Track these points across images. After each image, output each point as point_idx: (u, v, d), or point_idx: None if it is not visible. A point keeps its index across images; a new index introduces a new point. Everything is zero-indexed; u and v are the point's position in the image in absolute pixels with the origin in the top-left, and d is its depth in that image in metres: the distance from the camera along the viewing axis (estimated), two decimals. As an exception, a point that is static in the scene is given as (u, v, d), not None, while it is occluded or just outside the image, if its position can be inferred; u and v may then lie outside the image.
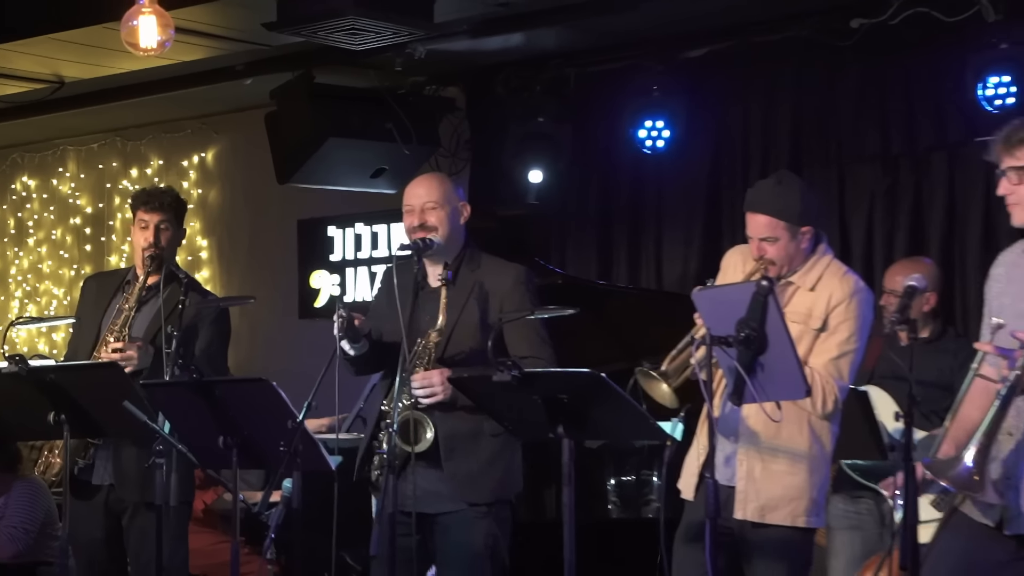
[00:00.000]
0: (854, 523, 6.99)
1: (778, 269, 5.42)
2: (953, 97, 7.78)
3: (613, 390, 5.16)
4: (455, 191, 6.02)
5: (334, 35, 7.46)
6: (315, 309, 10.04)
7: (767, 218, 5.42)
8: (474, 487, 5.85)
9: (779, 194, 5.46)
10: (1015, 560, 4.93)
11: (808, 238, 5.47)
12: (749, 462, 5.40)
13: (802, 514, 5.42)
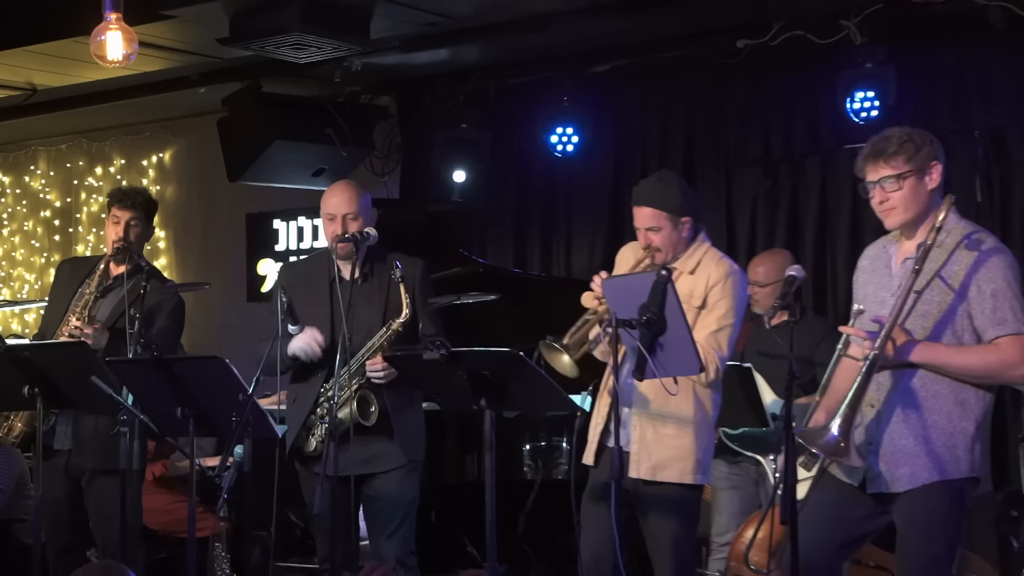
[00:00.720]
0: (734, 483, 7.07)
1: (664, 256, 5.49)
2: (825, 109, 7.82)
3: (530, 367, 5.18)
4: (367, 199, 6.12)
5: (280, 49, 7.42)
6: (262, 294, 9.99)
7: (651, 210, 5.50)
8: (415, 446, 6.03)
9: (660, 189, 5.54)
10: (875, 515, 5.02)
11: (688, 228, 5.54)
12: (641, 427, 5.43)
13: (689, 472, 5.44)
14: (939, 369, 4.89)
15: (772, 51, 7.74)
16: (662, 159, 8.60)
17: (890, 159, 4.92)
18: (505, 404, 5.39)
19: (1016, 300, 4.87)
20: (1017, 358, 4.85)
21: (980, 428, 4.92)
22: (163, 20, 7.35)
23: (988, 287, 4.86)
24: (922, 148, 4.94)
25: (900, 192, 4.95)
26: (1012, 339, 4.84)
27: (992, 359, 4.87)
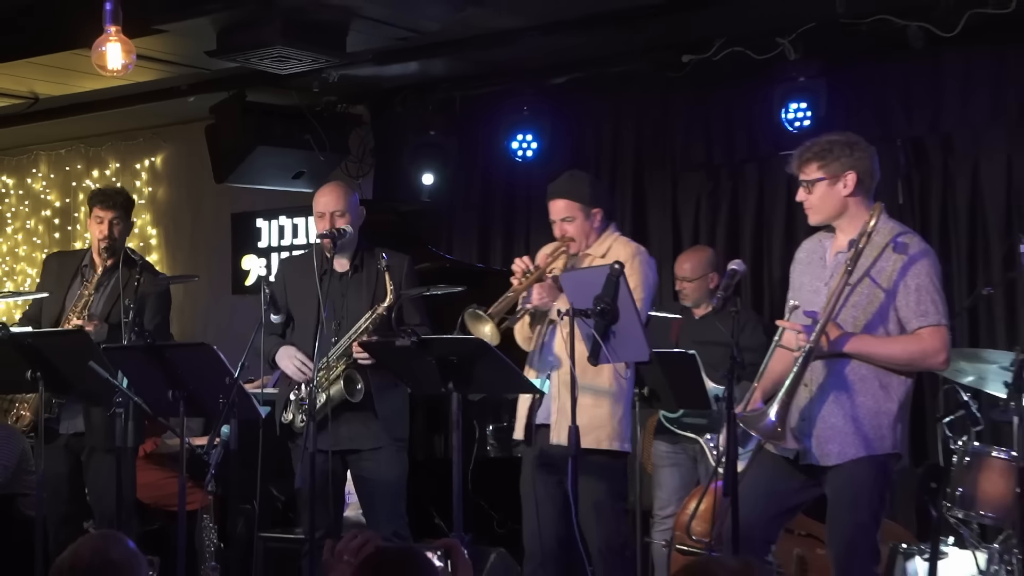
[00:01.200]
0: (674, 461, 7.11)
1: (577, 245, 5.58)
2: (762, 119, 7.83)
3: (494, 353, 5.19)
4: (355, 198, 6.11)
5: (263, 62, 7.39)
6: (245, 287, 9.98)
7: (564, 202, 5.60)
8: (398, 425, 6.06)
9: (572, 183, 5.66)
10: (807, 487, 5.09)
11: (599, 218, 5.62)
12: (561, 399, 5.45)
13: (605, 439, 5.53)
14: (868, 358, 4.94)
15: (714, 66, 7.77)
16: (613, 164, 8.62)
17: (804, 165, 5.04)
18: (470, 387, 5.41)
19: (937, 295, 4.94)
20: (937, 347, 4.92)
21: (902, 409, 4.98)
22: (156, 34, 7.31)
23: (913, 283, 4.92)
24: (839, 158, 5.01)
25: (813, 195, 5.03)
26: (933, 330, 4.91)
27: (915, 348, 4.94)
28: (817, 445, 4.99)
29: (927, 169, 7.68)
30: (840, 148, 5.03)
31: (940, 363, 5.02)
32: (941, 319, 4.92)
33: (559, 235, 5.64)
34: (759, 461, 5.15)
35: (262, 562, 7.01)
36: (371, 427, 6.00)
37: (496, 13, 7.35)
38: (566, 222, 5.61)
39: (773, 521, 5.18)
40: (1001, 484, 5.47)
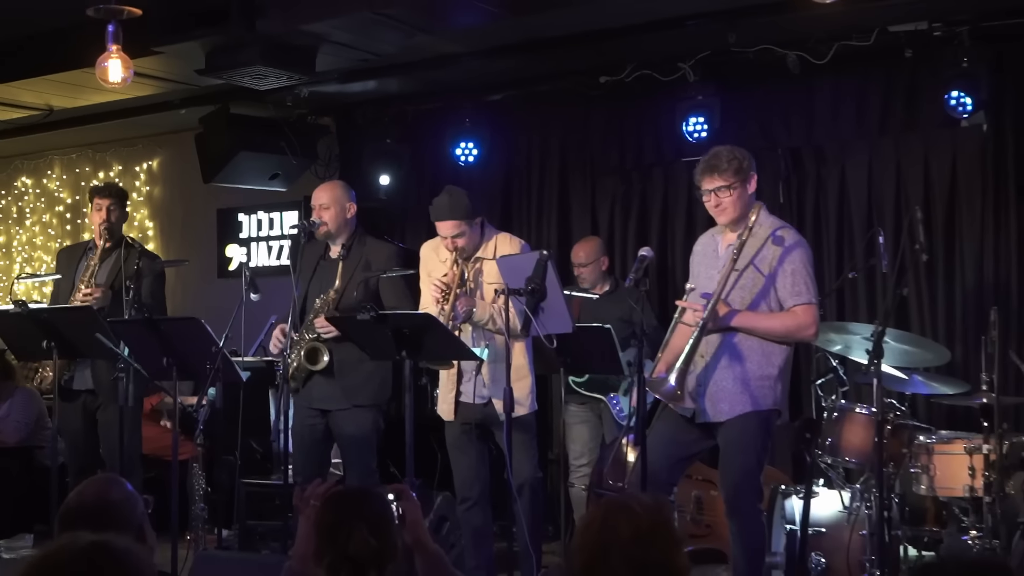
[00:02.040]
0: (583, 419, 7.15)
1: (470, 252, 5.56)
2: (666, 130, 7.84)
3: (440, 325, 5.19)
4: (346, 195, 6.08)
5: (245, 79, 7.34)
6: (229, 271, 9.91)
7: (451, 222, 5.60)
8: (356, 393, 5.94)
9: (452, 204, 5.61)
10: (702, 439, 5.19)
11: (480, 224, 5.62)
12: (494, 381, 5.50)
13: (533, 402, 5.64)
14: (752, 331, 5.01)
15: (626, 86, 7.80)
16: (542, 168, 8.63)
17: (723, 173, 5.05)
18: (421, 355, 5.41)
19: (809, 278, 5.02)
20: (808, 321, 5.01)
21: (782, 372, 5.04)
22: (153, 55, 7.26)
23: (789, 268, 4.99)
24: (743, 163, 5.06)
25: (730, 198, 5.06)
26: (805, 307, 5.00)
27: (790, 322, 5.01)
28: (711, 405, 5.05)
29: (803, 174, 7.74)
30: (741, 155, 5.13)
31: (811, 335, 5.10)
32: (812, 298, 5.01)
33: (451, 249, 5.61)
34: (663, 417, 5.20)
35: (244, 504, 6.99)
36: (342, 390, 5.96)
37: (442, 40, 7.33)
38: (457, 238, 5.58)
39: (675, 466, 5.23)
40: (863, 435, 5.55)
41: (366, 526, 2.87)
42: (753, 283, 5.04)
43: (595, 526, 2.36)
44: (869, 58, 7.16)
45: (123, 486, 3.13)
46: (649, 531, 2.35)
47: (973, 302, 7.09)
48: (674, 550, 2.37)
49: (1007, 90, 7.03)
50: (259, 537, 7.00)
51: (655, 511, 2.37)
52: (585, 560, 2.35)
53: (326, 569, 2.85)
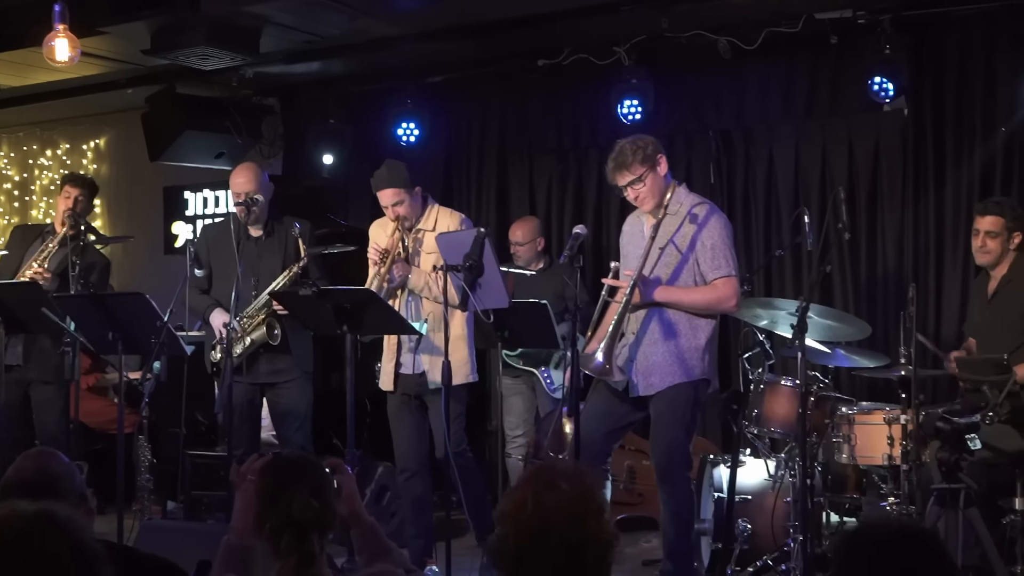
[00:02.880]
0: (518, 391, 7.18)
1: (411, 222, 5.54)
2: (602, 113, 7.83)
3: (380, 300, 5.18)
4: (264, 177, 6.06)
5: (190, 59, 7.27)
6: (175, 248, 9.81)
7: (391, 190, 5.60)
8: (307, 361, 6.07)
9: (391, 173, 5.64)
10: (634, 410, 5.24)
11: (420, 195, 5.61)
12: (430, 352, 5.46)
13: (471, 373, 5.63)
14: (676, 305, 5.04)
15: (564, 69, 7.79)
16: (481, 149, 8.61)
17: (631, 167, 5.09)
18: (362, 329, 5.40)
19: (729, 251, 5.06)
20: (729, 293, 5.06)
21: (708, 344, 5.08)
22: (99, 35, 7.16)
23: (708, 242, 5.03)
24: (647, 150, 5.07)
25: (645, 187, 5.10)
26: (725, 280, 5.04)
27: (711, 295, 5.06)
28: (642, 379, 5.08)
29: (733, 156, 7.78)
30: (642, 142, 5.16)
31: (732, 306, 5.16)
32: (732, 271, 5.06)
33: (392, 218, 5.60)
34: (597, 390, 5.23)
35: (189, 475, 6.94)
36: (286, 363, 5.97)
37: (384, 23, 7.28)
38: (397, 206, 5.58)
39: (608, 437, 5.26)
40: (787, 406, 5.59)
41: (308, 489, 2.85)
42: (674, 260, 5.09)
43: (527, 510, 2.33)
44: (796, 44, 7.21)
45: (61, 459, 3.10)
46: (581, 508, 2.35)
47: (893, 279, 7.18)
48: (603, 521, 2.37)
49: (926, 76, 7.10)
50: (204, 507, 6.96)
51: (581, 484, 2.37)
52: (521, 545, 2.34)
53: (268, 533, 2.83)
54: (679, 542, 5.13)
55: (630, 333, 5.08)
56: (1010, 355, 5.31)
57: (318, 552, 2.85)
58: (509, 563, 2.36)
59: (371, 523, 3.23)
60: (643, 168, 5.07)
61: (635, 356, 5.09)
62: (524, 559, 2.33)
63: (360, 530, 3.20)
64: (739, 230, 7.60)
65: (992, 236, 5.77)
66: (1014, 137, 6.85)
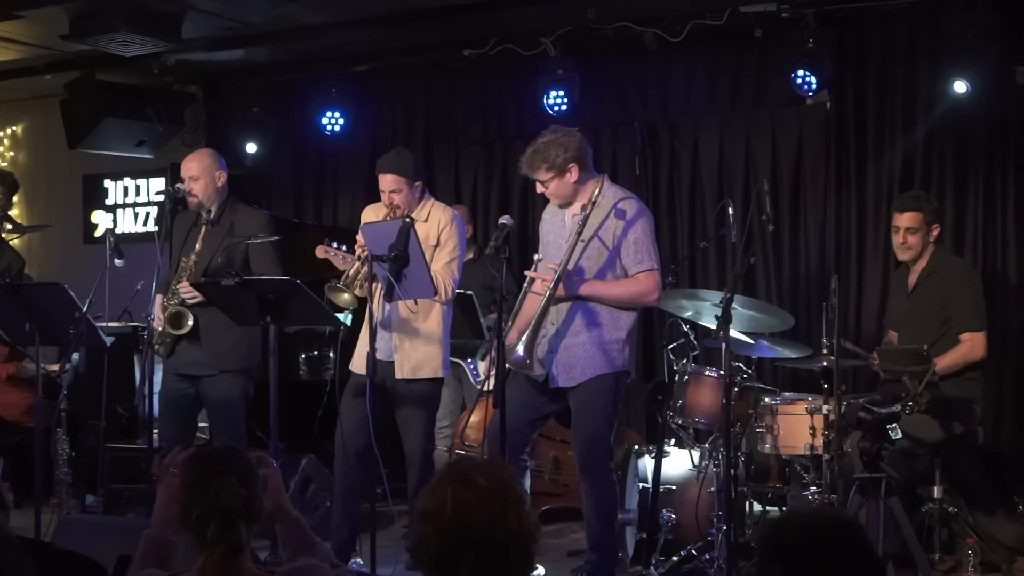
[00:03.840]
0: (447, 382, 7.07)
1: (404, 211, 5.48)
2: (528, 103, 7.82)
3: (304, 290, 5.12)
4: (215, 163, 5.98)
5: (110, 45, 7.15)
6: (95, 238, 9.64)
7: (392, 176, 5.50)
8: (224, 359, 5.82)
9: (398, 160, 5.56)
10: (553, 400, 5.25)
11: (420, 188, 5.55)
12: (400, 339, 5.43)
13: (439, 368, 5.51)
14: (598, 299, 5.06)
15: (490, 59, 7.77)
16: (407, 137, 8.54)
17: (536, 171, 5.18)
18: (285, 320, 5.34)
19: (652, 245, 5.10)
20: (651, 287, 5.10)
21: (629, 336, 5.12)
22: (15, 19, 7.03)
23: (632, 237, 5.06)
24: (559, 156, 5.10)
25: (550, 189, 5.14)
26: (648, 274, 5.08)
27: (634, 289, 5.09)
28: (564, 371, 5.09)
29: (658, 147, 7.81)
30: (556, 148, 5.15)
31: (654, 299, 5.20)
32: (654, 265, 5.10)
33: (387, 204, 5.54)
34: (515, 381, 5.21)
35: (108, 468, 6.82)
36: (220, 354, 5.83)
37: (307, 10, 7.21)
38: (394, 193, 5.51)
39: (527, 427, 5.27)
40: (712, 397, 5.62)
41: (236, 478, 2.83)
42: (599, 254, 5.11)
43: (446, 510, 2.32)
44: (721, 37, 7.25)
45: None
46: (500, 504, 2.33)
47: (816, 271, 7.26)
48: (524, 514, 2.36)
49: (848, 70, 7.18)
50: (125, 501, 6.83)
51: (499, 479, 2.35)
52: (442, 545, 2.32)
53: (195, 522, 2.79)
54: (602, 533, 5.14)
55: (551, 324, 5.09)
56: (930, 346, 5.40)
57: (245, 543, 2.82)
58: (432, 564, 2.34)
59: (296, 517, 3.21)
60: (548, 175, 5.14)
61: (556, 348, 5.10)
62: (448, 559, 2.31)
63: (285, 524, 3.18)
64: (664, 222, 7.65)
65: (912, 232, 5.85)
66: (934, 130, 6.95)
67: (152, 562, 3.00)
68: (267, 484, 3.04)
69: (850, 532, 2.18)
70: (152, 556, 3.01)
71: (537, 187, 5.22)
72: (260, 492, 2.93)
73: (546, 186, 5.17)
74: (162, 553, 3.03)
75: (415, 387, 5.45)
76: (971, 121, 6.82)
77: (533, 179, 5.22)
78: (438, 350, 5.48)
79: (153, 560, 3.01)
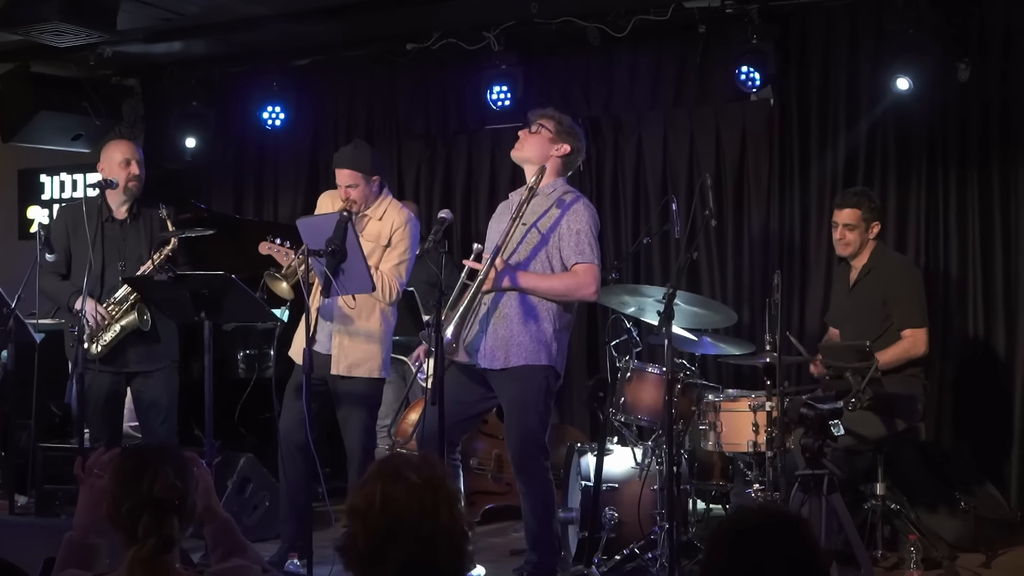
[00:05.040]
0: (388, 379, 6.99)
1: (359, 206, 5.42)
2: (471, 98, 7.77)
3: (240, 286, 5.04)
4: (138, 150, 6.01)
5: (43, 35, 6.96)
6: (30, 233, 9.43)
7: (349, 171, 5.43)
8: (174, 349, 5.90)
9: (356, 154, 5.47)
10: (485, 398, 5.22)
11: (377, 184, 5.48)
12: (339, 336, 5.37)
13: (376, 369, 5.43)
14: (532, 292, 5.00)
15: (433, 53, 7.69)
16: (348, 132, 8.44)
17: (542, 116, 5.24)
18: (221, 316, 5.26)
19: (593, 240, 5.05)
20: (589, 280, 5.04)
21: (558, 331, 5.06)
22: (-56, 8, 6.83)
23: (574, 227, 5.01)
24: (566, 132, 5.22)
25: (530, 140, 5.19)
26: (587, 266, 5.03)
27: (571, 281, 5.03)
28: (488, 354, 5.03)
29: (602, 143, 7.76)
30: (566, 126, 5.18)
31: (591, 293, 5.13)
32: (594, 259, 5.04)
33: (343, 198, 5.46)
34: (450, 377, 5.13)
35: (41, 468, 6.65)
36: (154, 351, 5.80)
37: (246, 2, 7.09)
38: (350, 188, 5.44)
39: (459, 425, 5.22)
40: (654, 394, 5.56)
41: (172, 470, 2.77)
42: (534, 242, 5.06)
43: (375, 506, 2.24)
44: (665, 32, 7.22)
45: None
46: (432, 499, 2.28)
47: (760, 267, 7.24)
48: (455, 511, 2.29)
49: (791, 66, 7.17)
50: (58, 502, 6.67)
51: (431, 475, 2.28)
52: (370, 542, 2.25)
53: (125, 517, 2.72)
54: (542, 532, 5.09)
55: (483, 305, 5.03)
56: (872, 342, 5.38)
57: (177, 538, 2.76)
58: (361, 561, 2.27)
59: (227, 518, 3.14)
60: (546, 130, 5.16)
61: (485, 329, 5.04)
62: (375, 556, 2.24)
63: (215, 525, 3.10)
64: (608, 217, 7.60)
65: (850, 228, 5.85)
66: (876, 127, 6.95)
67: (73, 564, 2.91)
68: (198, 484, 2.96)
69: (794, 527, 2.15)
70: (73, 559, 2.95)
71: (520, 133, 5.16)
72: (194, 490, 2.86)
73: (532, 133, 5.09)
74: (84, 556, 2.95)
75: (352, 385, 5.39)
76: (913, 118, 6.82)
77: (529, 121, 5.15)
78: (377, 350, 5.41)
79: (74, 563, 2.92)
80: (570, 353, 7.10)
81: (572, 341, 7.17)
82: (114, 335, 5.68)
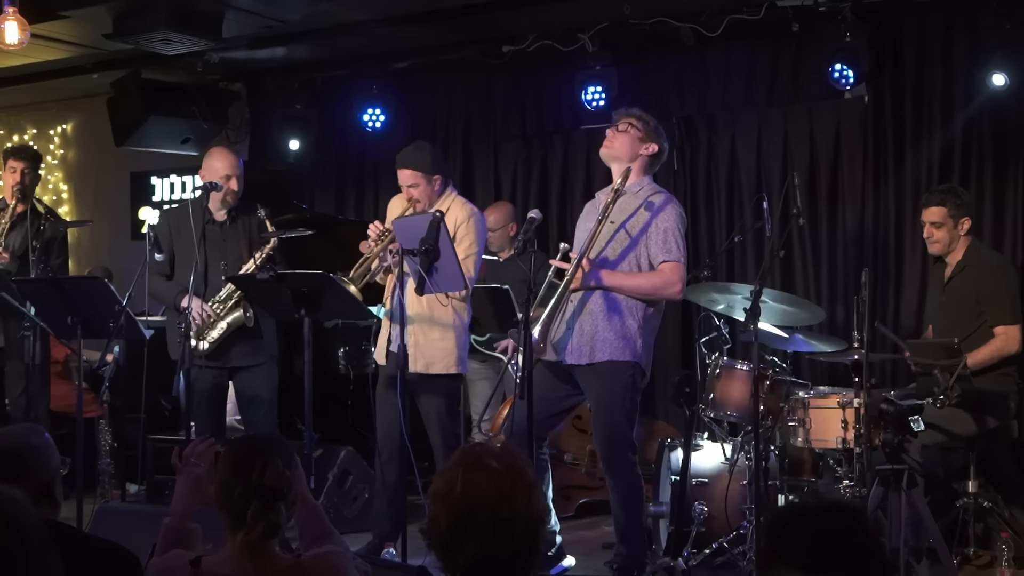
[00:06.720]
0: (484, 376, 7.17)
1: (422, 205, 5.53)
2: (566, 99, 7.87)
3: (337, 285, 5.19)
4: (239, 163, 6.06)
5: (153, 44, 7.26)
6: (141, 234, 9.74)
7: (409, 171, 5.56)
8: (272, 345, 6.07)
9: (416, 154, 5.60)
10: (571, 395, 5.28)
11: (439, 182, 5.60)
12: (415, 335, 5.46)
13: (453, 365, 5.53)
14: (618, 290, 5.05)
15: (528, 55, 7.80)
16: (446, 133, 8.61)
17: (627, 116, 5.26)
18: (319, 314, 5.40)
19: (680, 239, 5.09)
20: (675, 279, 5.07)
21: (642, 328, 5.10)
22: (61, 19, 7.17)
23: (662, 226, 5.06)
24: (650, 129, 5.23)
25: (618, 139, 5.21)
26: (673, 265, 5.06)
27: (657, 280, 5.07)
28: (575, 350, 5.10)
29: (696, 142, 7.81)
30: (653, 127, 5.23)
31: (676, 292, 5.16)
32: (680, 257, 5.08)
33: (407, 197, 5.59)
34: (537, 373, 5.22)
35: (150, 459, 6.93)
36: (256, 346, 5.96)
37: (346, 8, 7.28)
38: (412, 187, 5.55)
39: (546, 421, 5.25)
40: (742, 390, 5.62)
41: (281, 459, 2.88)
42: (623, 242, 5.11)
43: (456, 491, 2.35)
44: (758, 31, 7.23)
45: (43, 434, 3.12)
46: (510, 487, 2.35)
47: (853, 265, 7.21)
48: (533, 497, 2.38)
49: (886, 64, 7.14)
50: (167, 491, 6.94)
51: (510, 462, 2.38)
52: (450, 524, 2.36)
53: (236, 501, 2.83)
54: (631, 525, 5.16)
55: (570, 304, 5.11)
56: (963, 340, 5.37)
57: (283, 524, 2.87)
58: (441, 543, 2.38)
59: (316, 505, 3.28)
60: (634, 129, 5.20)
61: (572, 327, 5.12)
62: (455, 538, 2.35)
63: (305, 512, 3.22)
64: (702, 216, 7.66)
65: (937, 226, 5.83)
66: (972, 123, 6.90)
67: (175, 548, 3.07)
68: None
69: (847, 514, 2.17)
70: (170, 544, 3.07)
71: (609, 133, 5.25)
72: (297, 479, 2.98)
73: (618, 131, 5.17)
74: (184, 540, 3.09)
75: (430, 381, 5.49)
76: (1010, 114, 6.76)
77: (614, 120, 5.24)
78: (452, 346, 5.51)
79: (176, 547, 3.07)
80: (664, 350, 7.18)
81: (667, 338, 7.27)
82: (221, 332, 5.86)
